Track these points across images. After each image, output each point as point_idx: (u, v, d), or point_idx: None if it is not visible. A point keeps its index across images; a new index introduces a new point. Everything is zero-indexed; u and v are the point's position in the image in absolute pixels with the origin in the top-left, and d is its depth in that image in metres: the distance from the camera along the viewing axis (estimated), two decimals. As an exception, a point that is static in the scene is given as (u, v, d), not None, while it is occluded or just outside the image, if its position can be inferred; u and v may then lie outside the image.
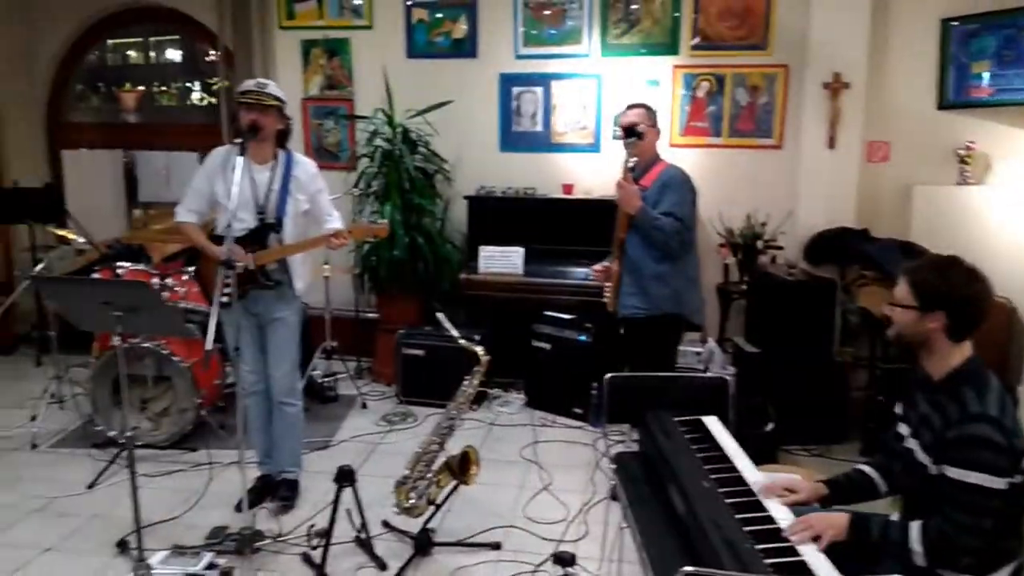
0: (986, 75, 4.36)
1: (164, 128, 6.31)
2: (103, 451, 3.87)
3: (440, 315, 3.15)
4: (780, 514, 2.01)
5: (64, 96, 6.15)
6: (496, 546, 3.09)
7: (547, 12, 5.01)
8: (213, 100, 6.26)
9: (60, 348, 4.49)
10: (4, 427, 4.26)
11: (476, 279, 4.86)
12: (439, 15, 5.15)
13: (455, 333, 3.09)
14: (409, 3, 5.16)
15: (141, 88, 6.47)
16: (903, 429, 2.02)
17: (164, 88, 6.58)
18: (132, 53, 6.58)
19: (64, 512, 3.36)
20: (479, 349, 3.09)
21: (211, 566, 2.89)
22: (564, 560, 2.94)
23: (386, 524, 3.21)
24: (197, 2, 5.48)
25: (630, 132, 3.32)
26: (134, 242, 5.23)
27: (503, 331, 4.61)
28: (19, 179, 5.67)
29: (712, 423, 2.63)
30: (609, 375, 2.79)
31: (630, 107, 3.47)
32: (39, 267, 4.05)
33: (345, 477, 2.89)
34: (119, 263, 4.12)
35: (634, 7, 4.89)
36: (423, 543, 3.00)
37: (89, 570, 2.92)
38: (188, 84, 6.55)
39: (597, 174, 5.01)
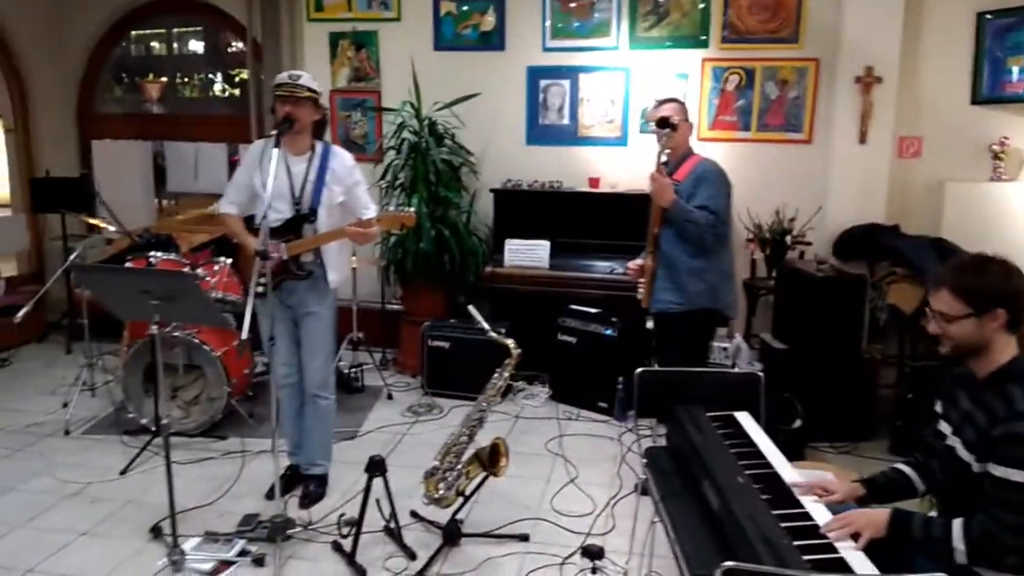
0: (1021, 70, 4.30)
1: (191, 119, 6.36)
2: (134, 438, 3.92)
3: (471, 308, 3.16)
4: (817, 511, 2.00)
5: (94, 87, 6.21)
6: (524, 538, 3.11)
7: (575, 5, 4.99)
8: (235, 92, 6.30)
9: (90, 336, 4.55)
10: (37, 413, 4.33)
11: (501, 272, 4.86)
12: (467, 8, 5.15)
13: (486, 326, 3.10)
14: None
15: (165, 79, 6.53)
16: (944, 427, 2.00)
17: (186, 80, 6.63)
18: (156, 44, 6.64)
19: (98, 497, 3.41)
20: (510, 342, 3.09)
21: (243, 553, 2.93)
22: (593, 553, 2.93)
23: (414, 514, 3.23)
24: (226, -6, 5.53)
25: (664, 124, 3.29)
26: (163, 232, 5.30)
27: (528, 324, 4.60)
28: (51, 168, 5.75)
29: (744, 419, 2.62)
30: (640, 369, 2.79)
31: (661, 102, 3.45)
32: (73, 256, 4.10)
33: (376, 467, 2.91)
34: (150, 253, 4.16)
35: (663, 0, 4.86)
36: (452, 534, 3.01)
37: (124, 554, 2.97)
38: (211, 75, 6.60)
39: (624, 168, 5.00)
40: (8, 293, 5.68)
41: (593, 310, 4.55)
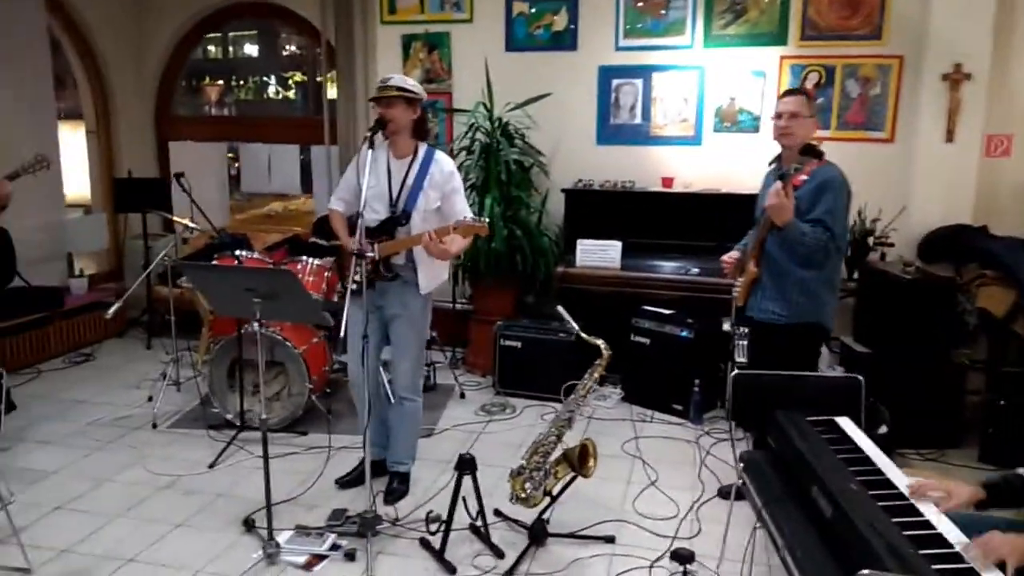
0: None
1: (265, 121, 6.50)
2: (220, 432, 4.02)
3: (560, 308, 3.16)
4: (939, 520, 1.94)
5: (172, 89, 6.39)
6: (610, 540, 3.09)
7: (648, 4, 4.95)
8: (290, 95, 6.41)
9: (168, 332, 4.67)
10: (124, 406, 4.46)
11: (573, 272, 4.84)
12: (539, 8, 5.15)
13: (575, 326, 3.09)
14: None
15: (236, 81, 6.68)
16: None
17: (249, 81, 6.78)
18: (213, 48, 6.79)
19: (189, 490, 3.50)
20: (600, 342, 3.08)
21: (335, 547, 2.97)
22: (683, 557, 2.91)
23: (499, 513, 3.23)
24: (301, -2, 5.63)
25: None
26: (237, 232, 5.43)
27: (599, 325, 4.46)
28: (130, 169, 5.92)
29: (847, 424, 2.56)
30: (735, 372, 2.75)
31: (787, 93, 3.27)
32: (162, 254, 4.23)
33: (466, 465, 2.92)
34: (236, 251, 4.25)
35: (739, -3, 4.80)
36: (538, 533, 3.01)
37: (219, 546, 3.03)
38: (270, 77, 6.73)
39: (698, 167, 4.95)
40: (89, 290, 5.87)
41: (667, 311, 4.50)
